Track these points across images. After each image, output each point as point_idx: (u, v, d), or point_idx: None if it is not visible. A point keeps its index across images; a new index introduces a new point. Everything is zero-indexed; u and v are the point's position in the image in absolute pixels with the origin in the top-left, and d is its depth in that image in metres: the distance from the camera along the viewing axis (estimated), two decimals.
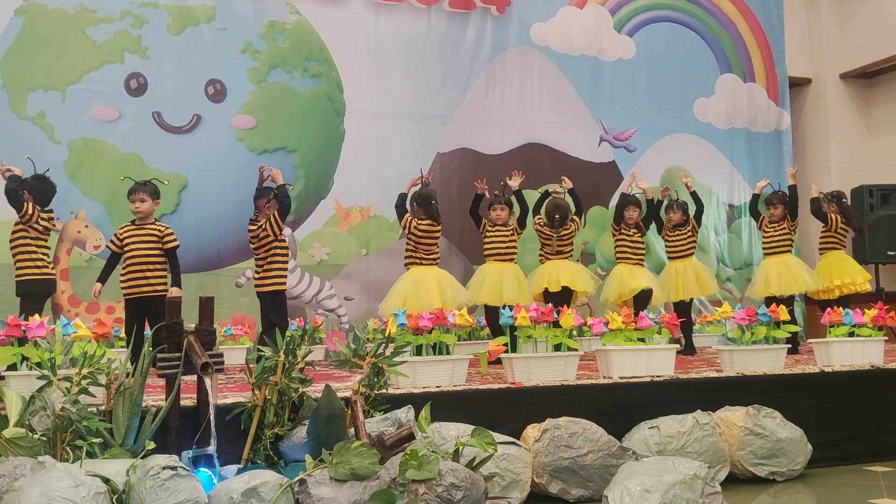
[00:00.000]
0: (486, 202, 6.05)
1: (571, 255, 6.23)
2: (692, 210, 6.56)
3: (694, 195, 6.59)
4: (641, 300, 6.12)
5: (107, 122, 7.41)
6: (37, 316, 3.27)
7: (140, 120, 7.50)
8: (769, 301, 6.02)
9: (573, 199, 6.16)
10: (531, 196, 6.32)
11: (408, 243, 5.70)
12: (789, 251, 6.34)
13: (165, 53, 7.65)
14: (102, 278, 4.92)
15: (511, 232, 5.93)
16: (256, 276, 5.21)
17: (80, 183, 7.26)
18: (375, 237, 8.19)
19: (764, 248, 6.47)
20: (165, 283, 4.96)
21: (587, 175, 8.57)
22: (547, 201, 6.21)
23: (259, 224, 5.16)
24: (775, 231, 6.33)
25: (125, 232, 4.97)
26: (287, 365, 3.17)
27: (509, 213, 5.91)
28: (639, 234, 6.35)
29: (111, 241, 5.01)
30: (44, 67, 7.27)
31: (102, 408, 3.00)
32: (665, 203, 6.60)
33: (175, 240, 4.98)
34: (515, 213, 6.12)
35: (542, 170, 8.48)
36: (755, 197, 6.59)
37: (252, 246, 5.27)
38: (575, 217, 6.15)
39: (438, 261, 5.69)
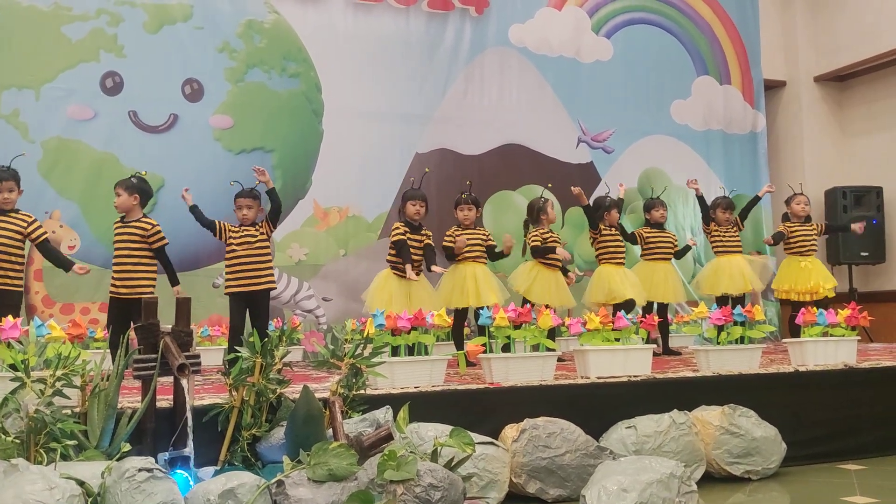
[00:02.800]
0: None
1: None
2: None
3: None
4: (624, 308, 6.02)
5: (82, 121, 7.32)
6: (10, 317, 3.23)
7: (116, 119, 7.41)
8: (721, 300, 6.12)
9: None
10: (510, 197, 6.25)
11: (391, 247, 5.66)
12: (740, 252, 6.53)
13: (142, 52, 7.55)
14: None
15: (486, 236, 5.88)
16: (256, 275, 5.18)
17: (54, 183, 7.17)
18: (354, 237, 8.17)
19: (717, 249, 6.58)
20: (151, 285, 4.94)
21: (565, 176, 8.50)
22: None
23: (261, 230, 5.22)
24: (726, 232, 6.49)
25: (114, 228, 5.03)
26: (265, 366, 3.14)
27: (476, 212, 5.87)
28: (619, 235, 6.35)
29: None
30: (18, 65, 7.15)
31: (77, 410, 2.96)
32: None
33: (162, 238, 4.98)
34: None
35: (521, 171, 8.51)
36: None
37: (240, 249, 5.20)
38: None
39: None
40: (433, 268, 5.36)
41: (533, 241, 5.81)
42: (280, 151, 8.01)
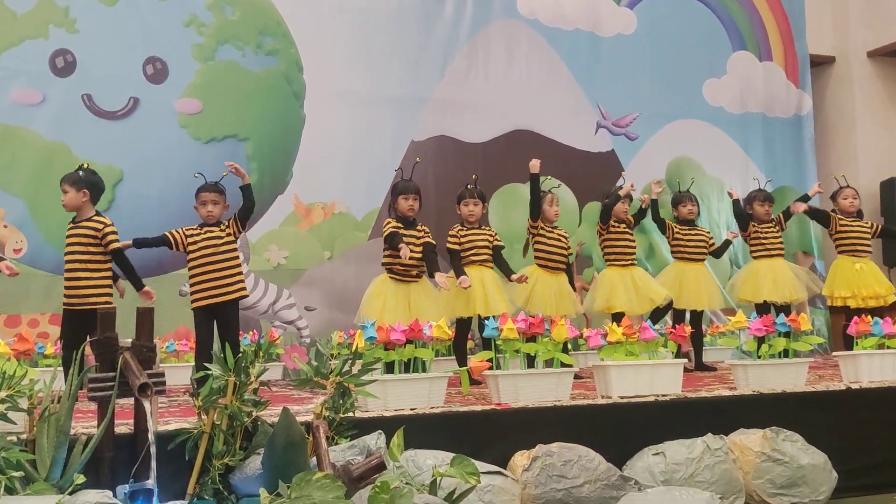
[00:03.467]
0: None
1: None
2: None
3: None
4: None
5: (29, 105, 7.36)
6: None
7: (67, 103, 7.44)
8: (761, 308, 6.09)
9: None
10: (519, 191, 6.18)
11: (386, 248, 5.65)
12: (783, 254, 6.55)
13: (97, 27, 7.57)
14: None
15: (493, 236, 5.88)
16: (225, 283, 5.21)
17: None
18: (341, 238, 8.17)
19: (756, 252, 6.58)
20: (108, 294, 4.97)
21: (583, 166, 8.65)
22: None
23: (227, 230, 5.22)
24: (767, 232, 6.52)
25: (68, 230, 5.07)
26: (239, 385, 3.16)
27: (483, 208, 5.88)
28: (629, 232, 6.35)
29: None
30: None
31: (24, 436, 2.95)
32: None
33: (116, 240, 5.01)
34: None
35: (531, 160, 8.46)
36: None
37: (210, 253, 5.20)
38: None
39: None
40: (437, 276, 5.32)
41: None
42: (255, 140, 8.02)
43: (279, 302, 7.95)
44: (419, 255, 5.38)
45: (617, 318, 5.71)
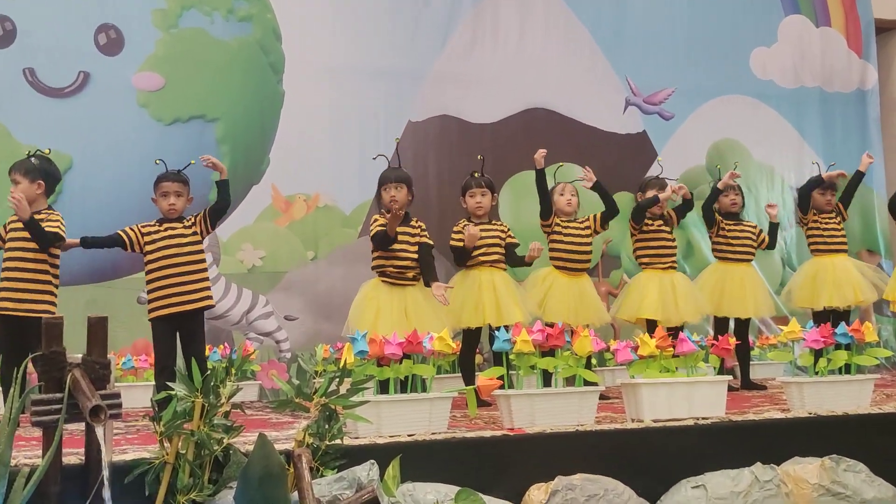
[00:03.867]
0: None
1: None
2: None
3: (772, 228, 6.70)
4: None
5: None
6: None
7: (6, 79, 7.43)
8: (821, 316, 6.10)
9: (601, 195, 6.07)
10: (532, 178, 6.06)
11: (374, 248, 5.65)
12: (846, 250, 6.55)
13: None
14: None
15: (506, 231, 5.90)
16: (189, 290, 5.22)
17: None
18: (326, 235, 8.12)
19: (815, 246, 6.61)
20: (52, 301, 5.02)
21: (610, 150, 8.55)
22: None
23: (192, 227, 5.24)
24: (826, 224, 6.54)
25: (7, 225, 5.12)
26: (207, 408, 3.14)
27: (492, 199, 5.88)
28: (667, 230, 6.34)
29: None
30: None
31: None
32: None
33: (57, 229, 5.07)
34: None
35: (549, 144, 7.43)
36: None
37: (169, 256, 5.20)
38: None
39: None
40: (434, 287, 5.34)
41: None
42: (226, 121, 7.95)
43: (254, 310, 7.90)
44: (415, 256, 5.42)
45: (650, 328, 5.68)
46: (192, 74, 7.88)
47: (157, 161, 5.26)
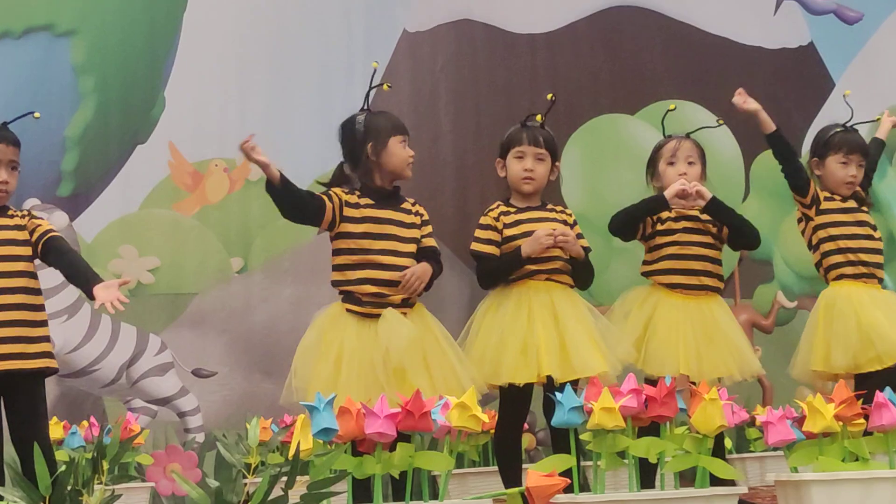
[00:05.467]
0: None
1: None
2: None
3: None
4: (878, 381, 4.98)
5: None
6: None
7: None
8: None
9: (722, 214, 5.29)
10: (622, 128, 6.83)
11: (336, 251, 4.85)
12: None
13: None
14: None
15: (571, 222, 5.14)
16: (14, 336, 4.62)
17: None
18: (264, 229, 6.99)
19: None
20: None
21: (753, 77, 7.07)
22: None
23: (19, 221, 4.61)
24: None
25: None
26: None
27: (552, 169, 5.05)
28: (863, 209, 5.40)
29: None
30: None
31: None
32: None
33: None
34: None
35: (648, 71, 7.51)
36: None
37: None
38: None
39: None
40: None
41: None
42: (88, 35, 6.88)
43: (141, 361, 6.82)
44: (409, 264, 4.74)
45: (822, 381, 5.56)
46: None
47: None
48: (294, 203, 4.58)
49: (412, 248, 4.59)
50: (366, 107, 4.60)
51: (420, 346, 4.61)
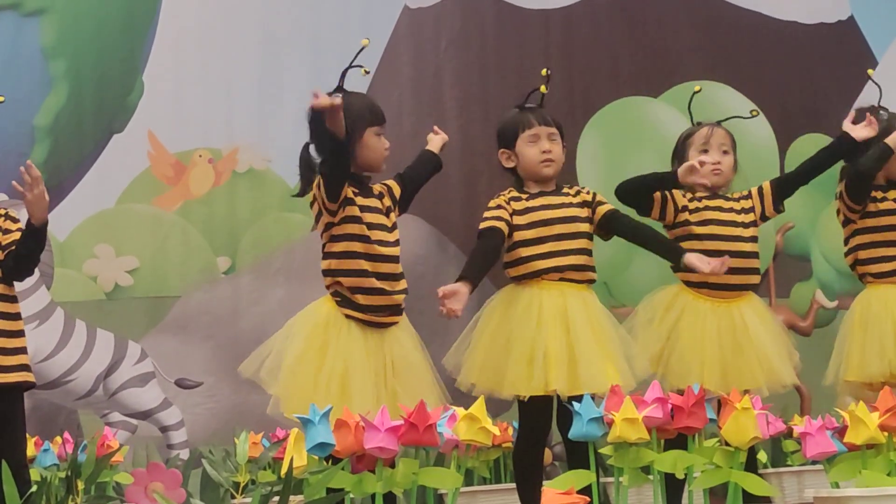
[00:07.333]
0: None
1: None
2: None
3: None
4: None
5: None
6: None
7: None
8: None
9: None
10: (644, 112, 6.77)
11: (326, 247, 4.62)
12: None
13: None
14: None
15: (583, 207, 4.89)
16: None
17: None
18: (252, 227, 6.97)
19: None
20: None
21: (788, 56, 7.30)
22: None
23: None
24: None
25: None
26: None
27: (562, 150, 4.85)
28: None
29: None
30: None
31: None
32: None
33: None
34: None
35: (668, 46, 7.45)
36: None
37: None
38: None
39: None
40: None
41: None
42: (59, 13, 6.78)
43: (119, 370, 6.72)
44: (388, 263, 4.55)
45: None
46: None
47: None
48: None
49: (394, 235, 4.46)
50: (341, 85, 4.30)
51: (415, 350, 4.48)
